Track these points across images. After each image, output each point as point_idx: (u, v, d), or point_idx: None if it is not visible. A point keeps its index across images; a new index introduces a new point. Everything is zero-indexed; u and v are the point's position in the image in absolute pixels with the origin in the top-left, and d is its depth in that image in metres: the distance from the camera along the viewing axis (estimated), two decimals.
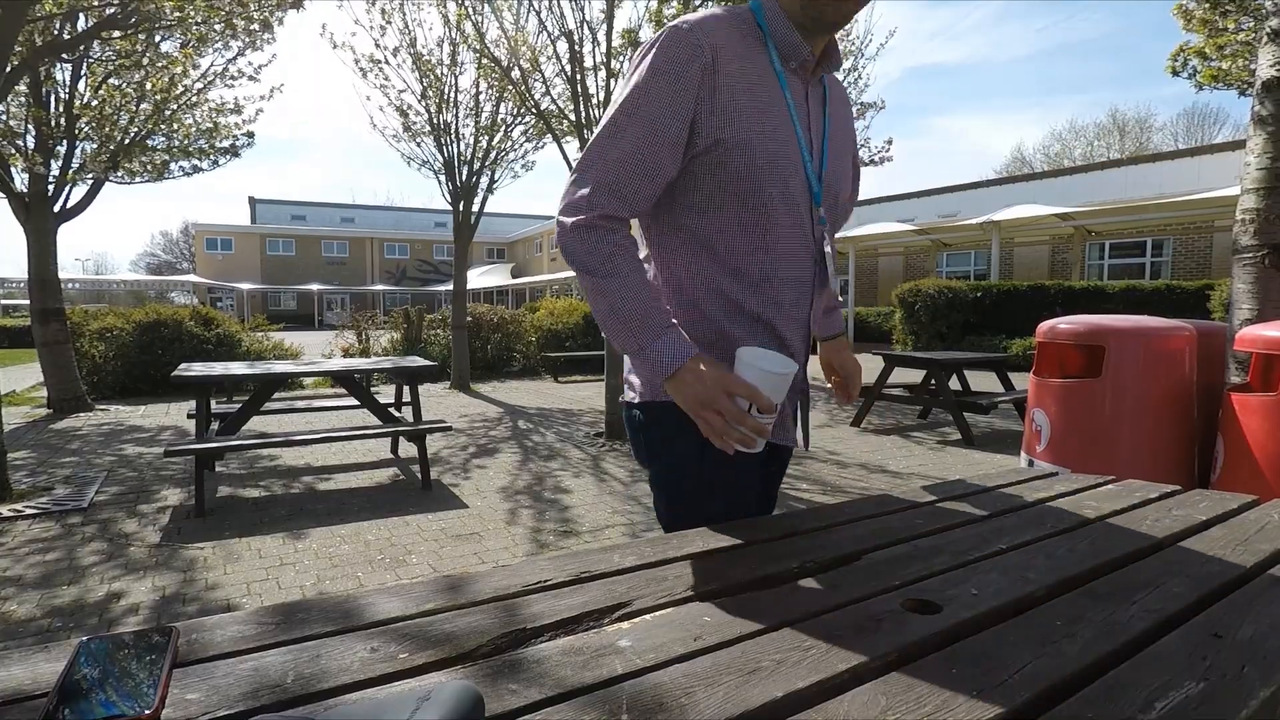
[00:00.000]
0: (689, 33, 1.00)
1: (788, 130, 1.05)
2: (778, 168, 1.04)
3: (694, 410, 0.96)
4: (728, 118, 1.01)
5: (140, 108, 7.52)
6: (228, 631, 0.63)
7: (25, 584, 2.94)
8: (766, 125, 1.03)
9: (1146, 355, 3.10)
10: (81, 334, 8.71)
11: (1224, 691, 0.55)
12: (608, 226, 1.00)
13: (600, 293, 1.00)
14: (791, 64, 1.06)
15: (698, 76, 0.99)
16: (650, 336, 0.98)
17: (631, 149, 0.99)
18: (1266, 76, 2.93)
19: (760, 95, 1.03)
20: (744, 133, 1.02)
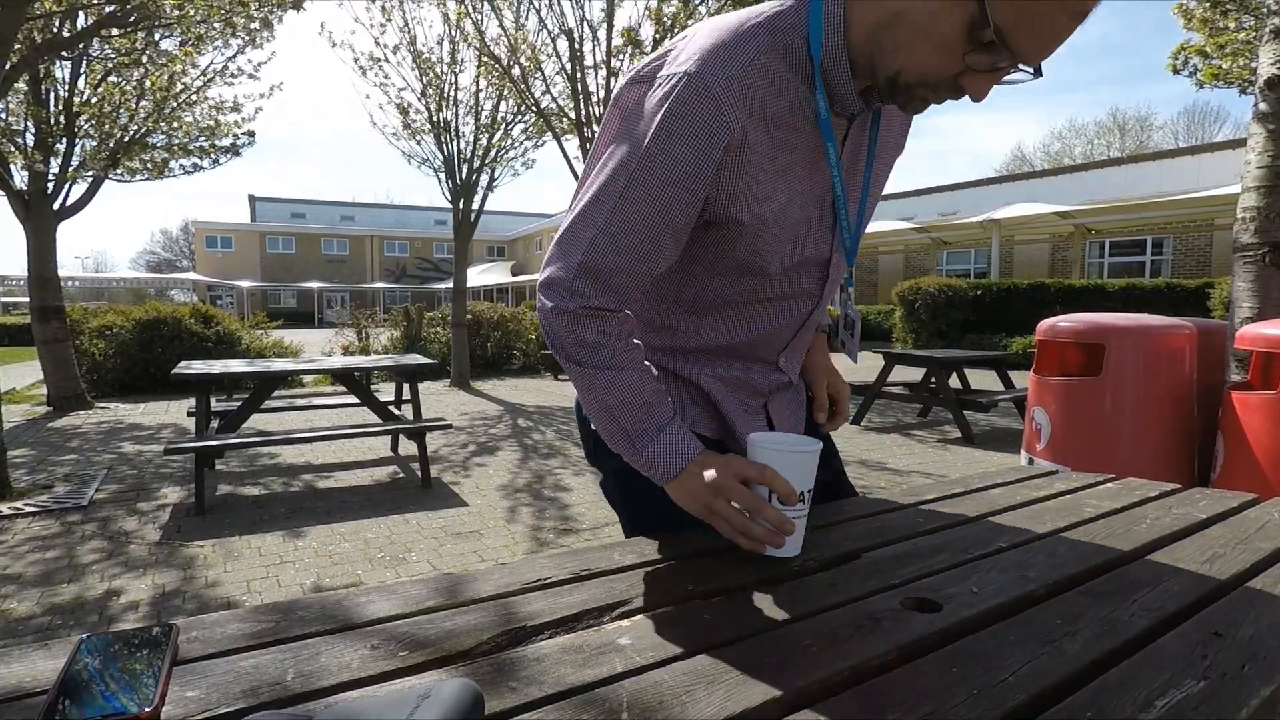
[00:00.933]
0: (718, 98, 0.78)
1: (822, 189, 0.89)
2: (801, 243, 0.91)
3: (703, 509, 0.83)
4: (749, 200, 0.84)
5: (140, 105, 7.51)
6: (228, 629, 0.63)
7: (25, 582, 2.95)
8: (795, 193, 0.87)
9: (1147, 353, 3.10)
10: (81, 332, 8.71)
11: (1224, 690, 0.55)
12: (595, 315, 0.85)
13: (587, 387, 0.87)
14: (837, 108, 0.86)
15: (719, 157, 0.80)
16: (646, 437, 0.85)
17: (624, 229, 0.82)
18: (1268, 74, 2.92)
19: (794, 153, 0.85)
20: (766, 212, 0.86)
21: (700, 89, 0.77)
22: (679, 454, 0.85)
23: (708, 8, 6.83)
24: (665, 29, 6.74)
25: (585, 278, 0.84)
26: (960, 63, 0.73)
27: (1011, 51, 0.70)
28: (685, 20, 6.69)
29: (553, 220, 42.10)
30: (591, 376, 0.86)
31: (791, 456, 0.81)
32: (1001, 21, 0.68)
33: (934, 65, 0.75)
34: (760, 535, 0.79)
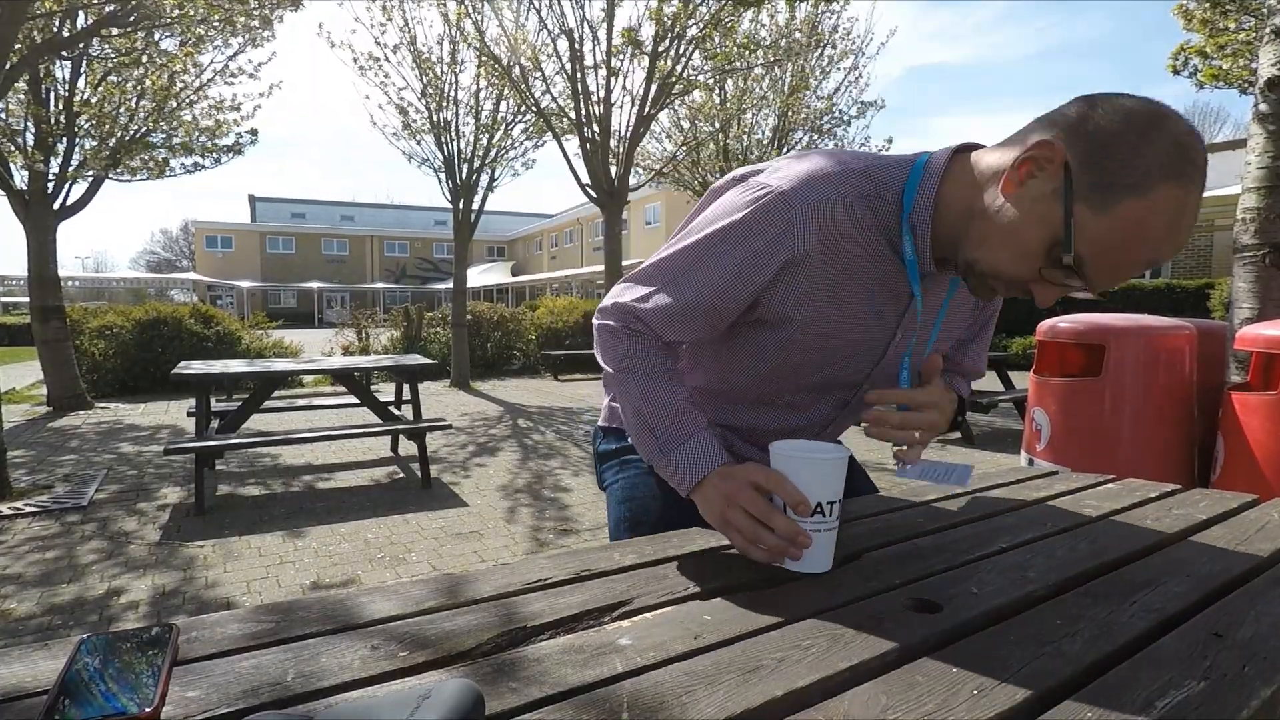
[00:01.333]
0: (794, 219, 0.83)
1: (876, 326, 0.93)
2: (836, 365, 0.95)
3: (719, 519, 0.83)
4: (800, 310, 0.89)
5: (140, 105, 7.52)
6: (228, 629, 0.63)
7: (25, 582, 2.95)
8: (845, 322, 0.91)
9: (1147, 354, 3.10)
10: (81, 332, 8.71)
11: (1225, 691, 0.55)
12: (632, 334, 0.95)
13: (625, 393, 0.93)
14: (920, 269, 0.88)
15: (777, 269, 0.86)
16: (673, 443, 0.88)
17: (673, 302, 0.91)
18: (1268, 75, 2.92)
19: (854, 287, 0.88)
20: (812, 327, 0.90)
21: (782, 206, 0.83)
22: (702, 462, 0.86)
23: (708, 8, 6.83)
24: (665, 29, 6.74)
25: (630, 314, 0.94)
26: (1035, 273, 0.77)
27: (1084, 278, 0.74)
28: (685, 21, 6.69)
29: (553, 220, 42.11)
30: (628, 381, 0.93)
31: (810, 463, 0.77)
32: (1082, 252, 0.72)
33: (1010, 267, 0.78)
34: (771, 544, 0.77)
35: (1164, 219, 0.69)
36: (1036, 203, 0.74)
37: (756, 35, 9.36)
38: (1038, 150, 0.73)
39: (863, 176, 0.85)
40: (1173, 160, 0.68)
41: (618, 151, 7.63)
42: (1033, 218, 0.74)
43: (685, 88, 7.62)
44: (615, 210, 7.56)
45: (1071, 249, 0.72)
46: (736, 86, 10.16)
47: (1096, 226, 0.71)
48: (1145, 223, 0.69)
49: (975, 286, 0.83)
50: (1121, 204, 0.69)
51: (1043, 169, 0.74)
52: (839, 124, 10.69)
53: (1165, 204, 0.69)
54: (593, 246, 35.14)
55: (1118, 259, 0.72)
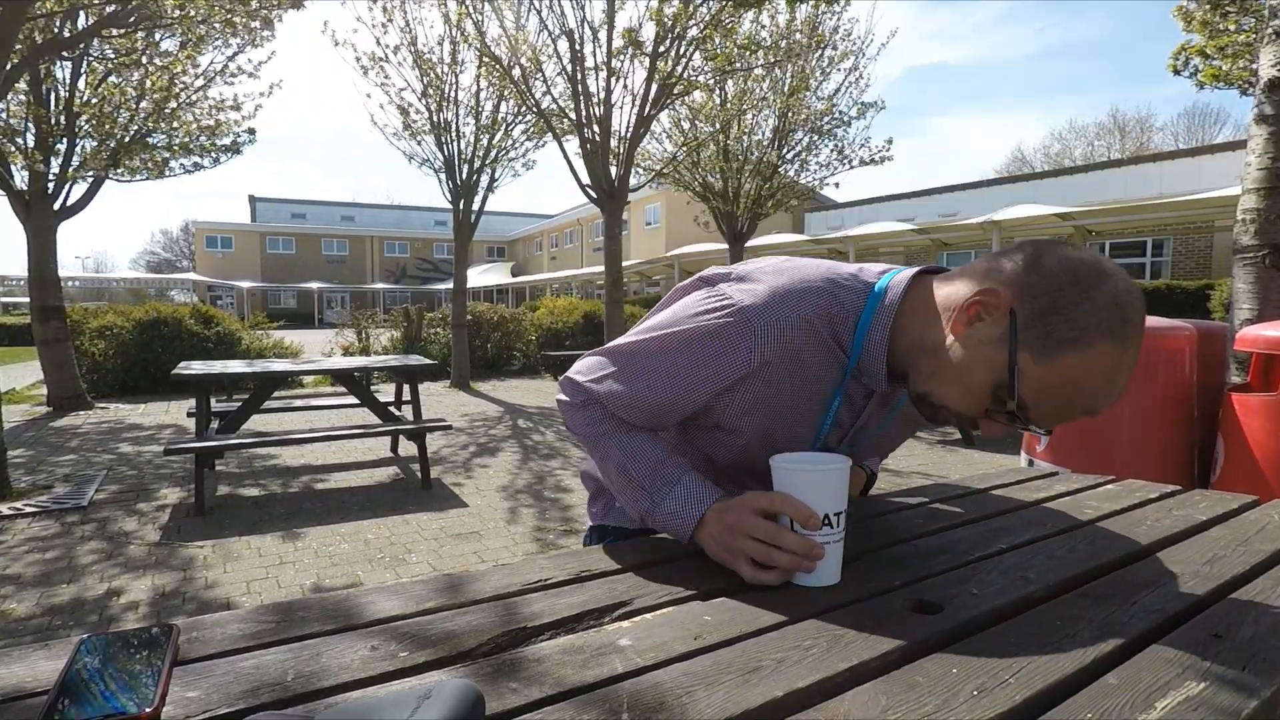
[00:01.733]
0: (757, 336, 0.84)
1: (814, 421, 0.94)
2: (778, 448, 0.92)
3: (724, 552, 0.79)
4: (749, 407, 0.90)
5: (140, 105, 7.52)
6: (228, 629, 0.63)
7: (25, 582, 2.95)
8: (793, 417, 0.92)
9: (1146, 355, 3.09)
10: (81, 332, 8.71)
11: (1225, 692, 0.55)
12: (587, 402, 0.97)
13: (604, 454, 0.93)
14: (865, 380, 0.91)
15: (736, 377, 0.87)
16: (663, 488, 0.86)
17: (628, 393, 0.92)
18: (1268, 76, 2.92)
19: (803, 393, 0.90)
20: (760, 418, 0.92)
21: (745, 323, 0.85)
22: (697, 501, 0.84)
23: (709, 9, 6.84)
24: (666, 30, 6.74)
25: (585, 392, 0.96)
26: (982, 411, 0.81)
27: (1027, 420, 0.78)
28: (686, 21, 6.70)
29: (553, 221, 42.11)
30: (606, 446, 0.92)
31: (814, 476, 0.76)
32: (1024, 397, 0.76)
33: (959, 404, 0.82)
34: (785, 563, 0.75)
35: (1101, 373, 0.74)
36: (983, 346, 0.78)
37: (757, 36, 9.36)
38: (985, 297, 0.78)
39: (826, 295, 0.87)
40: (1112, 319, 0.73)
41: (618, 152, 7.63)
42: (980, 360, 0.78)
43: (685, 88, 7.61)
44: (615, 211, 7.56)
45: (1015, 395, 0.76)
46: (737, 87, 10.16)
47: (1038, 374, 0.75)
48: (1084, 375, 0.74)
49: (929, 415, 0.86)
50: (1062, 356, 0.74)
51: (990, 314, 0.78)
52: (839, 125, 10.69)
53: (1102, 359, 0.73)
54: (593, 247, 35.14)
55: (1058, 405, 0.76)
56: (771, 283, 0.87)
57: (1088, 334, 0.73)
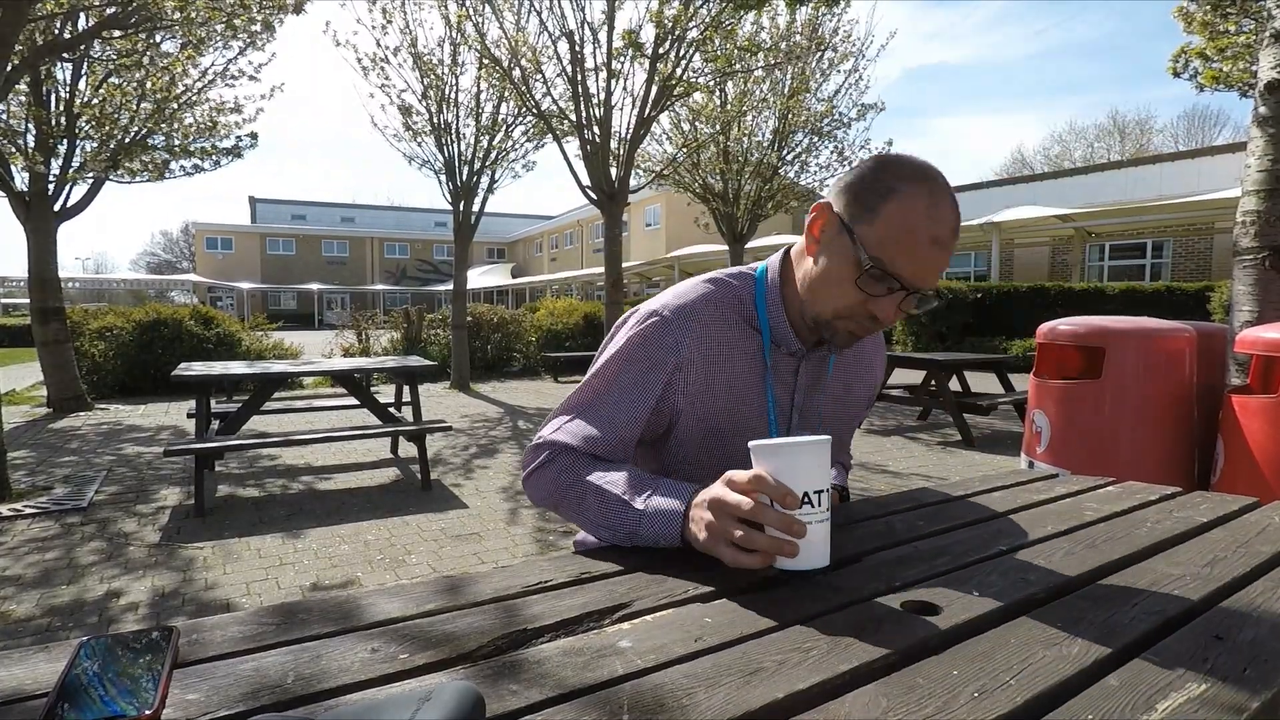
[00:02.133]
0: (670, 329, 1.00)
1: (758, 405, 1.05)
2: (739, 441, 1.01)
3: (709, 541, 0.78)
4: (693, 397, 1.02)
5: (140, 107, 7.52)
6: (228, 632, 0.63)
7: (24, 583, 2.94)
8: (736, 406, 1.04)
9: (1146, 357, 3.10)
10: (81, 333, 8.72)
11: (1226, 693, 0.55)
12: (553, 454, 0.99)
13: (580, 498, 0.93)
14: (782, 349, 1.05)
15: (670, 369, 1.00)
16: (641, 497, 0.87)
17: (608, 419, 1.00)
18: (1268, 78, 2.93)
19: (737, 375, 1.03)
20: (707, 408, 1.03)
21: (662, 321, 1.01)
22: (672, 500, 0.85)
23: (709, 10, 6.84)
24: (666, 31, 6.74)
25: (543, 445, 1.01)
26: (859, 294, 0.92)
27: (895, 276, 0.89)
28: (686, 23, 6.70)
29: (553, 222, 42.12)
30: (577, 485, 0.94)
31: (792, 450, 0.74)
32: (875, 254, 0.89)
33: (839, 300, 0.95)
34: (766, 545, 0.73)
35: (923, 208, 0.87)
36: (830, 245, 0.95)
37: (757, 38, 9.37)
38: (814, 213, 0.96)
39: (720, 285, 1.05)
40: (910, 171, 0.89)
41: (618, 153, 7.64)
42: (833, 256, 0.94)
43: (686, 90, 7.62)
44: (615, 212, 7.56)
45: (866, 256, 0.89)
46: (737, 89, 10.17)
47: (874, 232, 0.89)
48: (909, 213, 0.87)
49: (831, 336, 0.99)
50: (884, 208, 0.89)
51: (822, 219, 0.95)
52: (839, 126, 10.70)
53: (918, 197, 0.87)
54: (593, 248, 35.15)
55: (907, 249, 0.88)
56: (676, 291, 1.05)
57: (896, 184, 0.88)
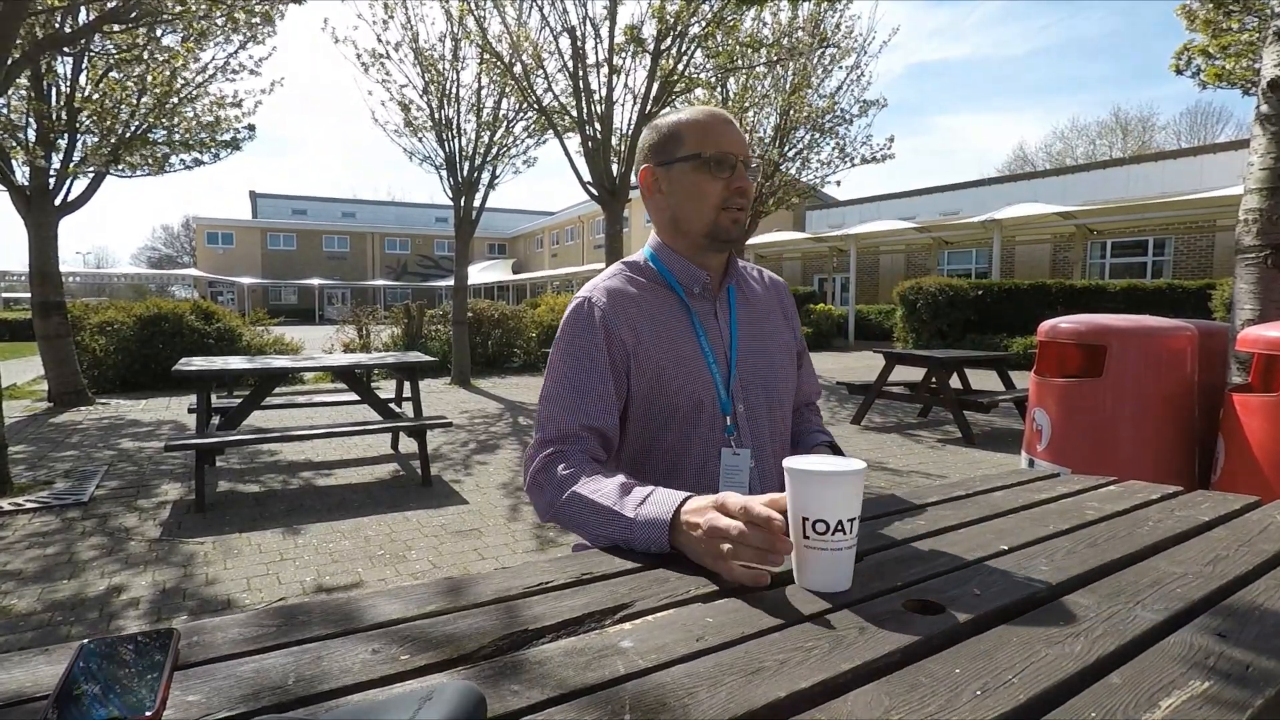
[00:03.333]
0: (594, 308, 1.15)
1: (693, 347, 1.18)
2: (689, 383, 1.16)
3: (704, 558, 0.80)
4: (636, 347, 1.14)
5: (141, 101, 7.51)
6: (229, 633, 0.63)
7: (25, 578, 2.95)
8: (674, 347, 1.16)
9: (1148, 355, 3.09)
10: (82, 327, 8.72)
11: (1228, 691, 0.55)
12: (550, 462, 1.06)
13: (578, 523, 0.98)
14: (695, 289, 1.21)
15: (602, 332, 1.13)
16: (630, 508, 0.89)
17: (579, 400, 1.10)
18: (1271, 76, 2.92)
19: (663, 322, 1.18)
20: (653, 354, 1.15)
21: (582, 299, 1.18)
22: (661, 508, 0.86)
23: (711, 6, 6.82)
24: (668, 27, 6.72)
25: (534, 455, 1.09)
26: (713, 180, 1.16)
27: (725, 154, 1.15)
28: (688, 19, 6.68)
29: (554, 218, 42.08)
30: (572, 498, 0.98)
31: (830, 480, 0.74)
32: (700, 151, 1.15)
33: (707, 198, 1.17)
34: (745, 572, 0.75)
35: (695, 113, 1.18)
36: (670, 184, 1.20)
37: (759, 34, 9.35)
38: (641, 181, 1.24)
39: (630, 264, 1.25)
40: (673, 111, 1.22)
41: (619, 149, 7.62)
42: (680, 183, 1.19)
43: (687, 86, 7.60)
44: (616, 208, 7.55)
45: (701, 156, 1.15)
46: (739, 85, 10.14)
47: (689, 146, 1.16)
48: (694, 123, 1.17)
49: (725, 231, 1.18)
50: (680, 132, 1.17)
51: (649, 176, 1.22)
52: (840, 123, 10.68)
53: (687, 113, 1.19)
54: (594, 244, 35.12)
55: (713, 134, 1.16)
56: (595, 279, 1.23)
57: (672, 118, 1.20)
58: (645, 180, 1.23)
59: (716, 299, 1.24)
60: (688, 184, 1.17)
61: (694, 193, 1.17)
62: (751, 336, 1.25)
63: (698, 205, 1.17)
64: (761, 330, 1.28)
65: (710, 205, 1.16)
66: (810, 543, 0.75)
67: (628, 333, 1.14)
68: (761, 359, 1.25)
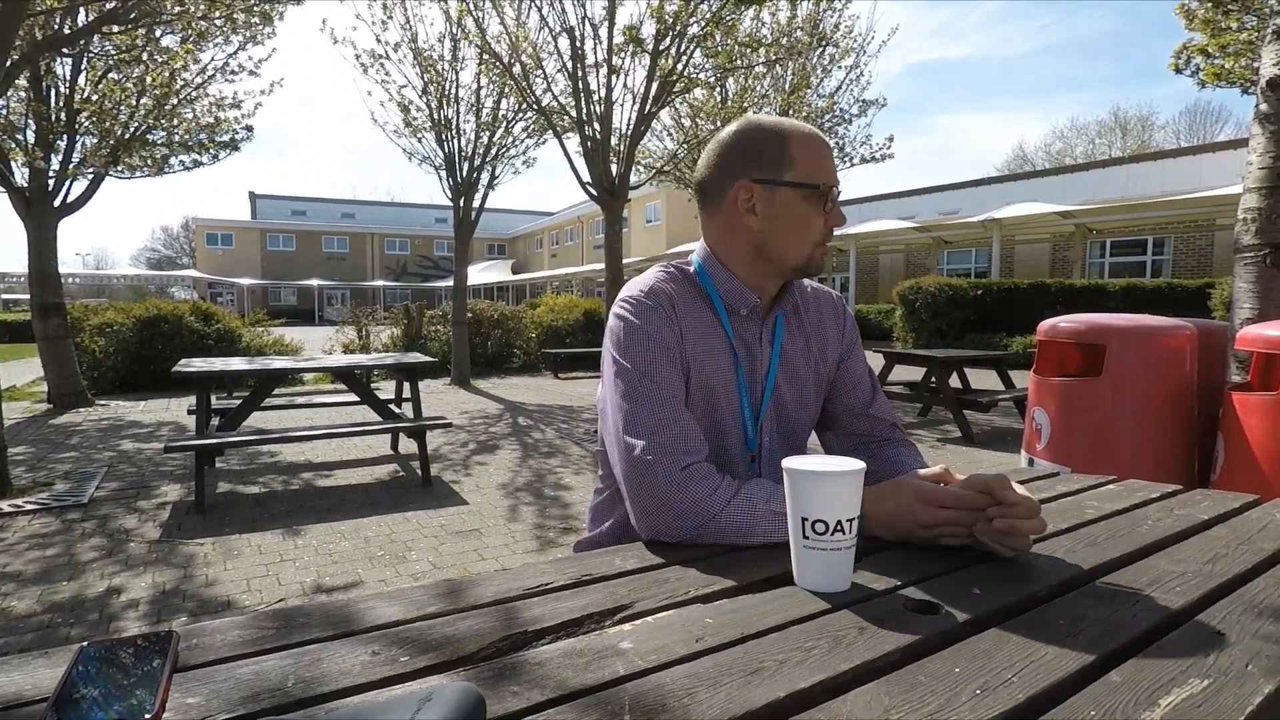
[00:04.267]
0: (645, 294, 1.07)
1: (728, 374, 1.10)
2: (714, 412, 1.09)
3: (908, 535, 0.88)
4: (692, 358, 1.07)
5: (140, 102, 7.51)
6: (228, 635, 0.63)
7: (25, 580, 2.95)
8: (717, 369, 1.09)
9: (1147, 354, 3.09)
10: (82, 329, 8.71)
11: (1228, 689, 0.55)
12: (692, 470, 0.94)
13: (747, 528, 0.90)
14: (742, 311, 1.11)
15: (670, 314, 1.06)
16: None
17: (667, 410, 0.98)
18: (1270, 75, 2.92)
19: (709, 342, 1.09)
20: (701, 373, 1.07)
21: (628, 297, 1.08)
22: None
23: (710, 6, 6.82)
24: (667, 27, 6.72)
25: (658, 451, 0.95)
26: (820, 216, 1.07)
27: (831, 185, 1.06)
28: (687, 19, 6.68)
29: (553, 218, 42.08)
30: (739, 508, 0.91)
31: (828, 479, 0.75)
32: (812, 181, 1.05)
33: (811, 233, 1.08)
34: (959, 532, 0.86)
35: (802, 132, 1.06)
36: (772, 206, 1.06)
37: (758, 33, 9.35)
38: (735, 192, 1.07)
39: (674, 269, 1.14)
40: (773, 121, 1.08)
41: (619, 150, 7.62)
42: (784, 208, 1.06)
43: (686, 86, 7.60)
44: (616, 208, 7.55)
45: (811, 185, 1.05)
46: (738, 85, 10.14)
47: (799, 169, 1.05)
48: (803, 143, 1.05)
49: (817, 267, 1.11)
50: (789, 151, 1.05)
51: (749, 193, 1.07)
52: (840, 122, 10.68)
53: (794, 130, 1.06)
54: (593, 244, 35.13)
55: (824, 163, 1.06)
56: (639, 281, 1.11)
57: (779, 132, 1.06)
58: (747, 195, 1.07)
59: (764, 323, 1.14)
60: (793, 214, 1.06)
61: (798, 223, 1.06)
62: (794, 368, 1.17)
63: (798, 238, 1.07)
64: (805, 361, 1.18)
65: (810, 240, 1.07)
66: (810, 543, 0.76)
67: (686, 334, 1.07)
68: (797, 395, 1.17)
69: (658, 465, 0.93)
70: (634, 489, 0.95)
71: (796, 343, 1.18)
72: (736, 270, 1.11)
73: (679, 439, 0.96)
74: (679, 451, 0.95)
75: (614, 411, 1.01)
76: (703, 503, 0.91)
